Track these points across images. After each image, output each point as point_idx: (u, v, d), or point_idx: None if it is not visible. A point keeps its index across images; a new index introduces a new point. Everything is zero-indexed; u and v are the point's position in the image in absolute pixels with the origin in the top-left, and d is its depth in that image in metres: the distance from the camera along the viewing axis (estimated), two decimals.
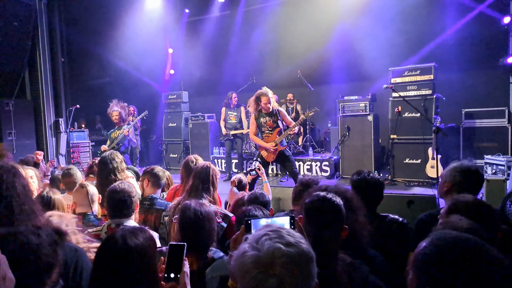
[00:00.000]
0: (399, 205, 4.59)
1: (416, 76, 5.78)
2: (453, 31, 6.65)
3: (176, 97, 8.50)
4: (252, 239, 0.84)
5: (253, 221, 1.15)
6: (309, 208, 1.41)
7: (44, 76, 7.78)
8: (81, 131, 8.21)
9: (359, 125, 6.22)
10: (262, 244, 0.81)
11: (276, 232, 0.84)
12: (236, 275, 0.83)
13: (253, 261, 0.79)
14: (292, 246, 0.80)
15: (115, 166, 2.86)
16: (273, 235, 0.83)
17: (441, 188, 2.14)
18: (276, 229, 0.85)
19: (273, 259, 0.78)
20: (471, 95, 6.59)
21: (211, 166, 2.60)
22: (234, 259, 0.84)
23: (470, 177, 2.06)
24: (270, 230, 0.85)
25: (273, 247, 0.79)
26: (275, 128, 4.52)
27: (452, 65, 6.48)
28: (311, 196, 1.45)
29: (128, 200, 2.03)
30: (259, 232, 0.85)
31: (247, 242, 0.84)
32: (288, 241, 0.81)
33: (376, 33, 7.07)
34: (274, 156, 4.54)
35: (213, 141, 7.93)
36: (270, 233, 0.83)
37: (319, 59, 7.64)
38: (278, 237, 0.82)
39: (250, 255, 0.80)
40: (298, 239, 0.83)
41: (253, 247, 0.81)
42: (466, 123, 6.24)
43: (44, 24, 7.77)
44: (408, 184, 5.63)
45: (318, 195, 1.44)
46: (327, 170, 6.47)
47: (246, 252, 0.81)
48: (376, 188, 2.31)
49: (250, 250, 0.81)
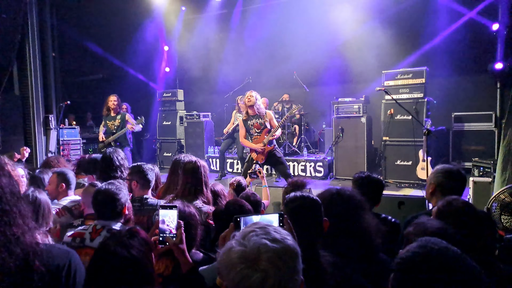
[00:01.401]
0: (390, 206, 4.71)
1: (408, 80, 5.91)
2: (444, 36, 6.82)
3: (171, 95, 8.44)
4: (239, 235, 0.86)
5: (242, 218, 1.15)
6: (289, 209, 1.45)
7: (34, 71, 7.57)
8: (72, 128, 8.05)
9: (352, 126, 6.32)
10: (249, 240, 0.82)
11: (263, 229, 0.85)
12: (222, 271, 0.84)
13: (238, 256, 0.80)
14: (277, 242, 0.82)
15: (121, 163, 2.82)
16: (260, 231, 0.84)
17: (427, 191, 2.22)
18: (263, 226, 0.87)
19: (259, 254, 0.79)
20: (460, 99, 6.78)
21: (201, 163, 2.54)
22: (221, 254, 0.85)
23: (451, 178, 2.13)
24: (257, 227, 0.87)
25: (259, 243, 0.81)
26: (263, 129, 4.54)
27: (443, 69, 6.64)
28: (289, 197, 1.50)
29: (116, 202, 1.94)
30: (246, 229, 0.87)
31: (235, 238, 0.86)
32: (274, 237, 0.83)
33: (370, 37, 7.20)
34: (263, 157, 4.54)
35: (208, 140, 7.91)
36: (257, 230, 0.85)
37: (315, 61, 7.71)
38: (265, 234, 0.84)
39: (236, 251, 0.82)
40: (284, 235, 0.85)
41: (240, 243, 0.83)
42: (455, 126, 6.43)
43: (35, 17, 7.55)
44: (399, 185, 5.76)
45: (295, 195, 1.48)
46: (321, 170, 6.55)
47: (232, 248, 0.83)
48: (377, 187, 2.40)
49: (237, 246, 0.83)
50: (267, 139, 4.50)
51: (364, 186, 2.30)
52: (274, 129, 4.53)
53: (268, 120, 4.56)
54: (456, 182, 2.14)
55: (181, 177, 2.55)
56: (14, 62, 7.43)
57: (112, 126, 5.54)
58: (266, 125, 4.54)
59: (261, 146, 4.50)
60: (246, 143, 4.70)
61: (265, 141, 4.49)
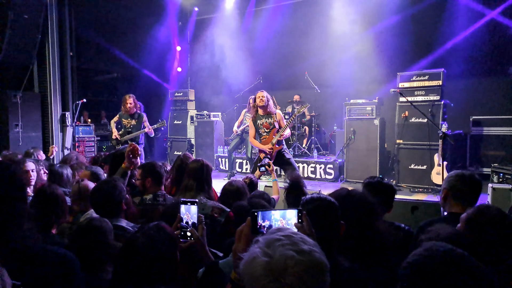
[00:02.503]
0: (402, 210, 4.57)
1: (424, 82, 5.73)
2: (463, 37, 6.59)
3: (183, 95, 8.53)
4: (263, 242, 0.81)
5: (260, 213, 1.11)
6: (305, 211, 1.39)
7: (52, 70, 7.81)
8: (87, 126, 8.25)
9: (365, 128, 6.19)
10: (274, 250, 0.78)
11: (289, 238, 0.80)
12: (245, 280, 0.80)
13: (263, 267, 0.76)
14: (305, 254, 0.77)
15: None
16: (286, 241, 0.80)
17: (441, 196, 2.14)
18: (289, 234, 0.82)
19: (285, 268, 0.75)
20: (479, 102, 6.53)
21: (205, 162, 2.56)
22: (244, 262, 0.81)
23: (464, 182, 2.03)
24: (283, 234, 0.82)
25: (285, 255, 0.76)
26: (272, 129, 4.54)
27: (461, 71, 6.42)
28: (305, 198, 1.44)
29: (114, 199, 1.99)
30: (271, 235, 0.82)
31: (258, 245, 0.81)
32: (302, 249, 0.78)
33: (385, 37, 7.04)
34: (272, 158, 4.52)
35: (217, 140, 7.94)
36: (283, 239, 0.80)
37: (327, 61, 7.61)
38: (291, 244, 0.79)
39: (260, 261, 0.77)
40: (312, 246, 0.80)
41: (265, 253, 0.78)
42: (473, 131, 6.18)
43: (54, 17, 7.80)
44: (412, 190, 5.59)
45: (312, 197, 1.43)
46: (331, 173, 6.44)
47: (257, 257, 0.78)
48: (389, 193, 2.32)
49: (261, 255, 0.78)
50: (275, 139, 4.48)
51: (374, 192, 2.23)
52: (282, 128, 4.50)
53: (278, 121, 4.57)
54: (469, 187, 2.04)
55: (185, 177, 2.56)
56: (34, 60, 7.70)
57: (128, 124, 5.63)
58: (275, 125, 4.54)
59: (269, 147, 4.48)
60: (255, 143, 4.70)
61: (273, 141, 4.47)
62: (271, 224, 1.11)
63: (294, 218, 1.12)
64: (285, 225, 1.11)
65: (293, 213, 1.13)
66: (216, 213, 2.35)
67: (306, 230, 1.08)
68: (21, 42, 7.17)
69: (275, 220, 1.12)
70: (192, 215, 1.52)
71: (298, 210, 1.14)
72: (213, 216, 2.34)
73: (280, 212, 1.13)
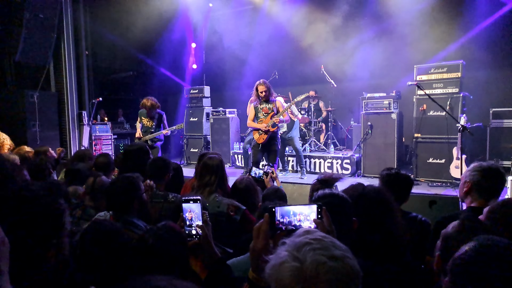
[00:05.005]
0: (420, 204, 4.56)
1: (443, 74, 5.64)
2: (483, 28, 6.45)
3: (198, 92, 8.53)
4: (291, 246, 0.76)
5: (278, 209, 1.06)
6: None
7: (68, 69, 7.90)
8: (104, 124, 8.35)
9: (382, 123, 6.13)
10: (304, 255, 0.73)
11: (319, 242, 0.75)
12: (271, 285, 0.76)
13: (292, 274, 0.72)
14: (338, 261, 0.72)
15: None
16: (316, 245, 0.74)
17: (461, 189, 2.09)
18: (319, 238, 0.77)
19: (317, 275, 0.70)
20: (499, 95, 6.40)
21: (221, 159, 2.61)
22: (271, 267, 0.76)
23: (490, 176, 1.99)
24: (312, 238, 0.77)
25: (316, 261, 0.72)
26: (270, 113, 5.01)
27: (481, 63, 6.29)
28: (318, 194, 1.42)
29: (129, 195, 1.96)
30: (299, 238, 0.78)
31: (286, 248, 0.76)
32: (334, 254, 0.73)
33: (402, 29, 6.93)
34: (264, 138, 4.99)
35: (233, 136, 7.94)
36: (313, 243, 0.75)
37: (343, 55, 7.53)
38: (322, 248, 0.74)
39: (290, 267, 0.73)
40: (344, 252, 0.75)
41: (293, 257, 0.73)
42: (493, 123, 6.07)
43: (69, 16, 7.87)
44: (431, 184, 5.53)
45: (324, 193, 1.41)
46: (348, 168, 6.42)
47: (286, 261, 0.74)
48: (406, 184, 2.32)
49: (290, 260, 0.73)
50: (271, 122, 4.95)
51: (392, 183, 2.23)
52: (279, 113, 4.99)
53: (277, 107, 5.06)
54: (495, 181, 2.00)
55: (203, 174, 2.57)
56: (50, 60, 7.79)
57: (148, 124, 5.71)
58: (274, 110, 5.03)
59: (265, 126, 4.94)
60: (251, 124, 5.16)
61: (269, 123, 4.94)
62: (290, 220, 1.07)
63: (314, 213, 1.07)
64: (304, 220, 1.07)
65: (313, 208, 1.08)
66: (232, 210, 2.37)
67: (326, 226, 1.04)
68: (37, 41, 7.25)
69: (294, 216, 1.07)
70: (196, 213, 1.47)
71: (318, 206, 1.08)
72: (228, 214, 2.37)
73: (299, 208, 1.08)
